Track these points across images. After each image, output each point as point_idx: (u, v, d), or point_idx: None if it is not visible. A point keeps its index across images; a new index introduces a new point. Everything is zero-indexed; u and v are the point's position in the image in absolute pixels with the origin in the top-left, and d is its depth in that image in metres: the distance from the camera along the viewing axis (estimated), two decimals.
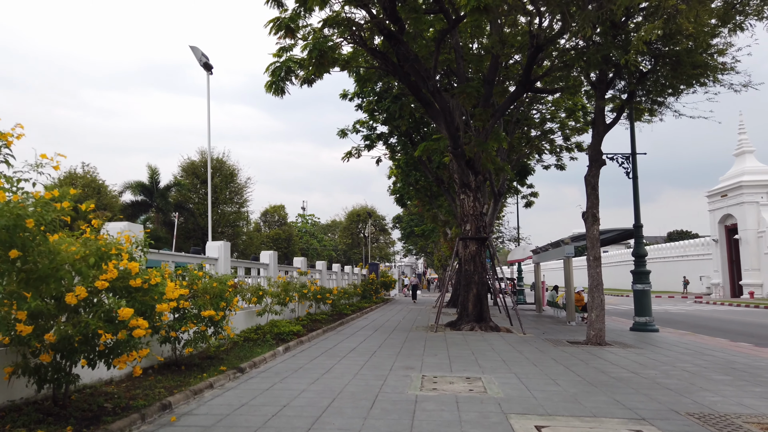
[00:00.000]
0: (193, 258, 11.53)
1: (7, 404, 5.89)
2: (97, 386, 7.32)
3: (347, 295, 25.24)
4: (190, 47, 15.68)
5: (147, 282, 5.91)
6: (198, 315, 8.57)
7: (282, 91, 14.66)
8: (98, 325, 5.25)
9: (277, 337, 12.94)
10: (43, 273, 4.38)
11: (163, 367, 8.91)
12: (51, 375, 5.51)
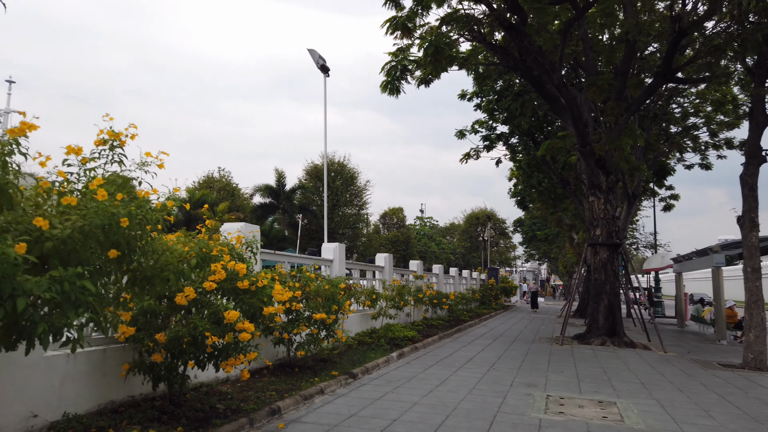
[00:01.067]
0: (309, 259, 11.55)
1: (127, 399, 6.04)
2: (213, 385, 7.39)
3: (465, 301, 24.47)
4: (307, 50, 16.00)
5: (254, 284, 5.76)
6: (310, 318, 8.44)
7: (397, 90, 14.37)
8: (205, 327, 5.16)
9: (391, 341, 12.63)
10: (148, 273, 4.32)
11: (278, 368, 8.91)
12: (164, 374, 5.53)
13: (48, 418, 5.05)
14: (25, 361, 4.81)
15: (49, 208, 3.71)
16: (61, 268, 3.23)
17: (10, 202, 3.25)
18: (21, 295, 2.87)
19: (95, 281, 3.69)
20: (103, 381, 5.70)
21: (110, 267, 4.00)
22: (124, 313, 4.07)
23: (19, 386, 4.77)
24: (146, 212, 3.94)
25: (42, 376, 5.01)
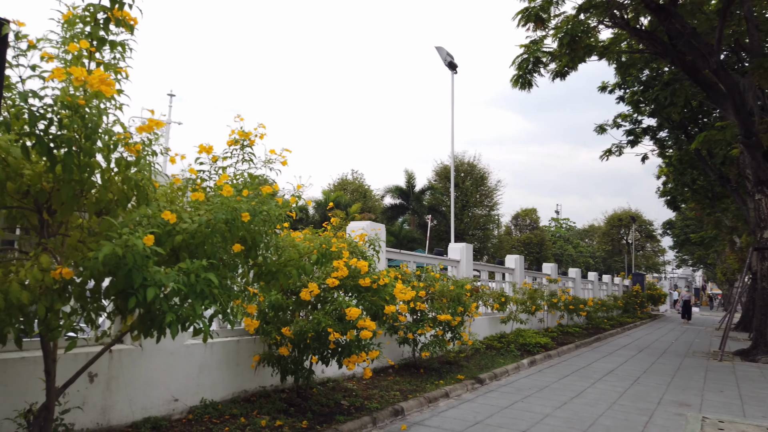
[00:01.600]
0: (434, 259, 11.39)
1: (258, 389, 6.30)
2: (339, 380, 7.50)
3: (605, 308, 22.79)
4: (435, 48, 15.88)
5: (376, 282, 5.71)
6: (435, 319, 8.26)
7: (529, 84, 13.72)
8: (328, 323, 5.20)
9: (522, 347, 12.04)
10: (273, 268, 4.42)
11: (403, 368, 8.85)
12: (291, 367, 5.67)
13: (187, 402, 5.39)
14: (169, 347, 5.18)
15: (181, 204, 3.92)
16: (189, 260, 3.36)
17: (145, 197, 3.46)
18: (151, 285, 3.02)
19: (222, 274, 3.82)
20: (236, 371, 5.99)
21: (237, 261, 4.13)
22: (250, 306, 4.20)
23: (162, 371, 5.14)
24: (270, 208, 4.01)
25: (182, 363, 5.36)
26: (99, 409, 4.58)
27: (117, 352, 4.73)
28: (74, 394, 4.35)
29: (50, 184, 3.13)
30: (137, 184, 3.32)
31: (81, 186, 3.08)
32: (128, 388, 4.81)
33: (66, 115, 2.79)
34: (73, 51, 3.04)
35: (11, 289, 2.80)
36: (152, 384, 5.04)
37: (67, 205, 3.10)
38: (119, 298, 3.16)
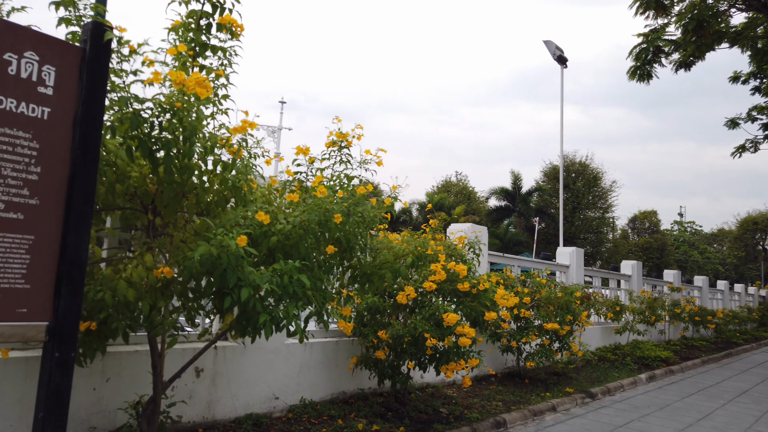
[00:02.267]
0: (541, 264, 10.83)
1: (356, 392, 6.28)
2: (438, 387, 7.32)
3: (737, 320, 20.54)
4: (543, 42, 15.16)
5: (475, 287, 5.46)
6: (540, 327, 7.81)
7: (648, 76, 12.69)
8: (425, 328, 5.04)
9: (639, 361, 11.12)
10: (368, 270, 4.34)
11: (506, 377, 8.47)
12: (388, 371, 5.58)
13: (287, 401, 5.48)
14: (270, 346, 5.29)
15: (278, 205, 3.95)
16: (283, 261, 3.35)
17: (243, 198, 3.51)
18: (245, 286, 3.03)
19: (317, 276, 3.80)
20: (335, 372, 6.01)
21: (332, 262, 4.10)
22: (345, 308, 4.16)
23: (264, 369, 5.26)
24: (365, 210, 3.93)
25: (283, 362, 5.45)
26: (205, 403, 4.75)
27: (221, 348, 4.90)
28: (182, 388, 4.54)
29: (154, 185, 3.26)
30: (234, 186, 3.37)
31: (182, 187, 3.17)
32: (231, 384, 4.96)
33: (165, 118, 2.87)
34: (172, 54, 3.14)
35: (119, 286, 2.93)
36: (254, 381, 5.17)
37: (169, 206, 3.21)
38: (216, 298, 3.21)
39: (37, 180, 2.32)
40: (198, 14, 3.62)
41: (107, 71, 2.55)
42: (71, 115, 2.45)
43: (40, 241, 2.31)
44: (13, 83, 2.27)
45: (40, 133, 2.34)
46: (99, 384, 4.02)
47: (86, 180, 2.43)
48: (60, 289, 2.32)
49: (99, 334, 3.15)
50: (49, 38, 2.41)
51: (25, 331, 2.23)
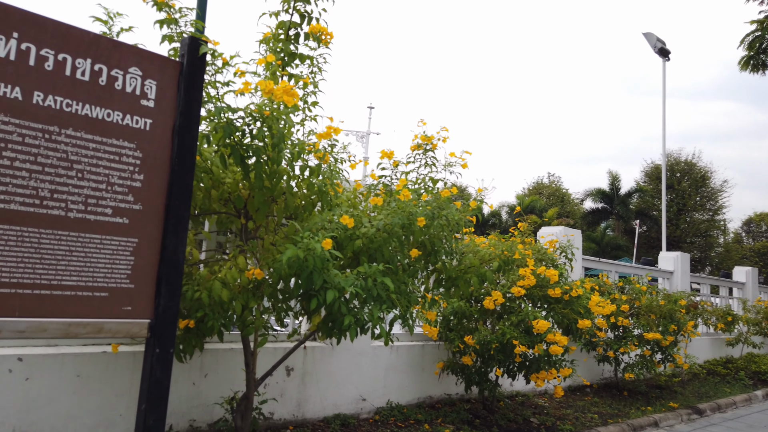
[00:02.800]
0: (641, 269, 10.19)
1: (443, 397, 6.22)
2: (529, 396, 7.08)
3: None
4: (642, 34, 14.28)
5: (567, 293, 5.23)
6: (641, 336, 7.34)
7: (763, 66, 11.58)
8: (513, 335, 4.89)
9: (755, 376, 10.17)
10: (453, 274, 4.28)
11: (602, 388, 8.04)
12: (475, 378, 5.47)
13: (374, 403, 5.52)
14: (357, 348, 5.36)
15: (364, 208, 3.99)
16: (367, 264, 3.38)
17: (329, 202, 3.58)
18: (331, 288, 3.09)
19: (401, 279, 3.80)
20: (421, 376, 5.98)
21: (417, 266, 4.08)
22: (429, 312, 4.13)
23: (351, 370, 5.34)
24: (449, 213, 3.89)
25: (370, 364, 5.50)
26: (295, 401, 4.90)
27: (311, 349, 5.02)
28: (273, 386, 4.71)
29: (246, 191, 3.40)
30: (321, 190, 3.45)
31: (271, 192, 3.29)
32: (320, 384, 5.08)
33: (256, 126, 2.99)
34: (262, 64, 3.27)
35: (214, 287, 3.08)
36: (342, 382, 5.26)
37: (260, 211, 3.34)
38: (304, 299, 3.30)
39: (140, 187, 2.49)
40: (287, 25, 3.75)
41: (202, 83, 2.70)
42: (170, 125, 2.61)
43: (143, 244, 2.48)
44: (119, 97, 2.46)
45: (143, 143, 2.51)
46: (198, 379, 4.25)
47: (184, 186, 2.58)
48: (160, 289, 2.48)
49: (197, 331, 3.34)
50: (150, 54, 2.59)
51: (130, 327, 2.40)
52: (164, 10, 3.30)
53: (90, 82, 2.38)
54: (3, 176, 2.12)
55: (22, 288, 2.15)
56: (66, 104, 2.31)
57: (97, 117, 2.39)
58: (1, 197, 2.12)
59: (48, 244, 2.22)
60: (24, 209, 2.17)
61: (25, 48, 2.22)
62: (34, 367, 3.52)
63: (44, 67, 2.26)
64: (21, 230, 2.16)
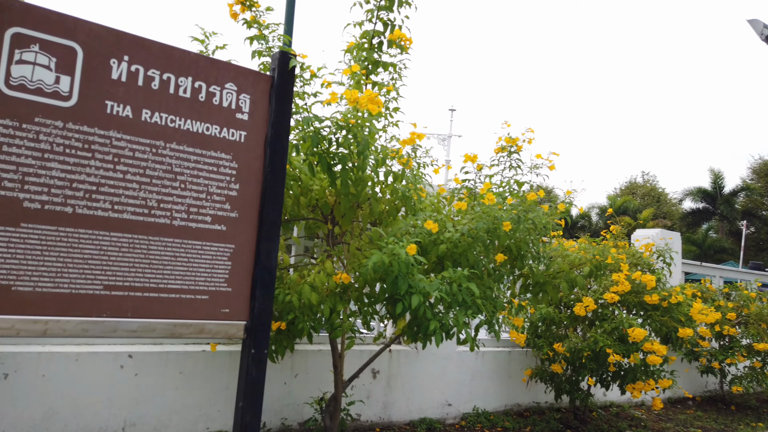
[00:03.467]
0: (750, 274, 9.40)
1: (532, 405, 6.06)
2: (624, 407, 6.75)
3: None
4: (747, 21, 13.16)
5: (666, 299, 4.93)
6: (750, 347, 6.78)
7: None
8: (606, 343, 4.68)
9: None
10: (540, 279, 4.17)
11: (706, 402, 7.51)
12: (565, 386, 5.28)
13: (460, 408, 5.47)
14: (442, 352, 5.35)
15: (448, 213, 3.99)
16: (452, 269, 3.37)
17: (412, 207, 3.61)
18: (416, 293, 3.11)
19: (487, 284, 3.75)
20: (508, 382, 5.86)
21: (502, 271, 4.02)
22: (516, 318, 4.05)
23: (436, 374, 5.33)
24: (535, 216, 3.80)
25: (455, 369, 5.47)
26: (381, 404, 4.96)
27: (396, 352, 5.07)
28: (360, 388, 4.79)
29: (333, 197, 3.50)
30: (404, 195, 3.49)
31: (357, 198, 3.36)
32: (405, 388, 5.11)
33: (342, 135, 3.07)
34: (347, 74, 3.35)
35: (303, 290, 3.20)
36: (427, 386, 5.26)
37: (346, 216, 3.42)
38: (389, 303, 3.34)
39: (236, 196, 2.63)
40: (370, 34, 3.82)
41: (292, 95, 2.81)
42: (263, 136, 2.74)
43: (239, 250, 2.62)
44: (216, 112, 2.61)
45: (239, 155, 2.66)
46: (289, 379, 4.42)
47: (275, 194, 2.70)
48: (255, 292, 2.61)
49: (288, 333, 3.47)
50: (244, 70, 2.73)
51: (228, 329, 2.54)
52: (254, 26, 3.47)
53: (191, 98, 2.55)
54: (117, 188, 2.32)
55: (134, 291, 2.34)
56: (170, 120, 2.48)
57: (197, 131, 2.55)
58: (116, 207, 2.32)
59: (155, 250, 2.40)
60: (135, 218, 2.36)
61: (134, 70, 2.41)
62: (141, 364, 3.80)
63: (151, 86, 2.44)
64: (132, 237, 2.35)
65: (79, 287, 2.22)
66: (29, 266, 2.12)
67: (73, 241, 2.22)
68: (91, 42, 2.32)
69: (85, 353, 3.64)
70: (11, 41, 2.14)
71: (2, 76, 2.12)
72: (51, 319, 2.14)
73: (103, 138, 2.31)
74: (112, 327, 2.27)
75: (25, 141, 2.14)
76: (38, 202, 2.16)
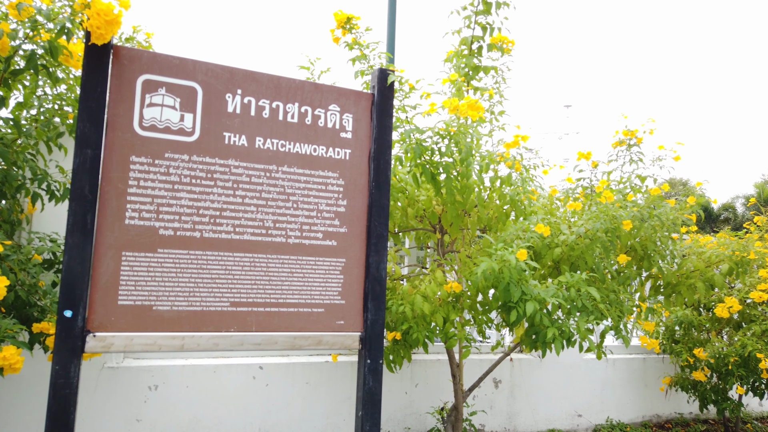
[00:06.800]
0: None
1: (674, 416, 5.59)
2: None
3: None
4: None
5: None
6: None
7: None
8: (756, 347, 4.19)
9: None
10: (672, 280, 3.83)
11: None
12: (709, 396, 4.81)
13: (591, 420, 5.18)
14: (567, 360, 5.11)
15: (563, 215, 3.82)
16: (569, 273, 3.23)
17: (522, 211, 3.51)
18: (530, 300, 3.01)
19: (610, 288, 3.54)
20: (644, 392, 5.45)
21: (627, 273, 3.77)
22: (646, 323, 3.75)
23: (562, 384, 5.09)
24: (661, 213, 3.52)
25: (583, 378, 5.19)
26: (505, 414, 4.84)
27: (517, 361, 4.93)
28: (482, 398, 4.72)
29: (440, 206, 3.50)
30: (512, 199, 3.40)
31: (463, 206, 3.34)
32: (530, 397, 4.94)
33: (444, 144, 3.08)
34: (445, 83, 3.35)
35: (415, 300, 3.23)
36: (553, 396, 5.04)
37: (453, 225, 3.41)
38: (503, 311, 3.26)
39: (344, 211, 2.73)
40: (469, 40, 3.80)
41: (392, 111, 2.87)
42: (367, 153, 2.82)
43: (350, 263, 2.71)
44: (322, 133, 2.74)
45: (345, 172, 2.76)
46: (409, 389, 4.46)
47: (381, 208, 2.77)
48: (367, 304, 2.68)
49: (404, 343, 3.52)
50: (346, 91, 2.84)
51: (344, 340, 2.64)
52: (355, 47, 3.60)
53: (298, 123, 2.70)
54: (237, 212, 2.51)
55: (256, 306, 2.51)
56: (281, 145, 2.64)
57: (305, 153, 2.69)
58: (237, 229, 2.51)
59: (274, 267, 2.56)
60: (254, 238, 2.54)
61: (247, 101, 2.61)
62: (271, 375, 4.05)
63: (262, 115, 2.62)
64: (253, 257, 2.52)
65: (209, 305, 2.42)
66: (166, 288, 2.35)
67: (202, 263, 2.43)
68: (209, 80, 2.54)
69: (221, 365, 3.95)
70: (142, 87, 2.41)
71: (137, 119, 2.39)
72: (187, 335, 2.36)
73: (223, 167, 2.52)
74: (239, 341, 2.45)
75: (158, 175, 2.40)
76: (171, 229, 2.39)
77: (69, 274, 2.19)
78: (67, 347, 2.15)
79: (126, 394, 3.69)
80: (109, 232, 2.30)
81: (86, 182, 2.25)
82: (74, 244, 2.20)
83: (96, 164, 2.27)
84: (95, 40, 2.25)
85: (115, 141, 2.34)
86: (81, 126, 2.27)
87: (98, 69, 2.31)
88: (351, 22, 3.72)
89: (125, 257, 2.31)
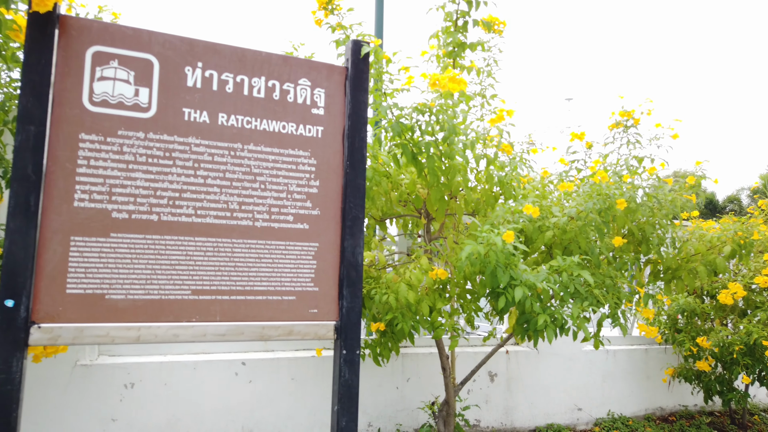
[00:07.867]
0: None
1: (678, 408, 5.39)
2: None
3: None
4: None
5: None
6: None
7: None
8: (762, 335, 4.00)
9: None
10: (672, 265, 3.64)
11: None
12: (714, 386, 4.61)
13: (592, 413, 4.99)
14: (565, 352, 4.92)
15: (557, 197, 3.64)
16: (561, 257, 3.04)
17: (512, 194, 3.32)
18: (519, 285, 2.83)
19: (605, 273, 3.35)
20: (647, 384, 5.25)
21: (624, 257, 3.58)
22: (645, 310, 3.56)
23: (561, 377, 4.90)
24: (658, 193, 3.33)
25: (582, 370, 5.00)
26: (501, 408, 4.65)
27: (514, 353, 4.74)
28: (477, 392, 4.53)
29: (424, 190, 3.32)
30: (501, 181, 3.21)
31: (448, 188, 3.16)
32: (527, 391, 4.75)
33: (424, 120, 2.89)
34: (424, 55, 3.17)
35: (400, 289, 3.05)
36: (552, 389, 4.86)
37: (439, 209, 3.22)
38: (492, 298, 3.08)
39: (316, 193, 2.55)
40: (454, 15, 3.61)
41: (367, 85, 2.69)
42: (341, 130, 2.64)
43: (323, 248, 2.53)
44: (292, 109, 2.56)
45: (317, 150, 2.58)
46: (400, 383, 4.28)
47: (357, 188, 2.58)
48: (342, 291, 2.50)
49: (392, 335, 3.34)
50: (317, 64, 2.66)
51: (317, 329, 2.46)
52: (339, 31, 3.42)
53: (265, 98, 2.52)
54: (198, 193, 2.33)
55: (221, 294, 2.33)
56: (246, 122, 2.47)
57: (273, 130, 2.51)
58: (199, 212, 2.33)
59: (240, 252, 2.38)
60: (218, 222, 2.36)
61: (208, 75, 2.43)
62: (255, 371, 3.87)
63: (225, 90, 2.45)
64: (216, 241, 2.35)
65: (168, 293, 2.25)
66: (120, 275, 2.18)
67: (160, 248, 2.25)
68: (166, 52, 2.36)
69: (201, 362, 3.78)
70: (92, 60, 2.24)
71: (86, 94, 2.21)
72: (143, 326, 2.18)
73: (182, 145, 2.34)
74: (202, 331, 2.27)
75: (111, 154, 2.22)
76: (125, 212, 2.22)
77: (10, 261, 2.01)
78: (9, 340, 1.98)
79: (100, 393, 3.52)
80: (56, 216, 2.12)
81: (29, 161, 2.07)
82: (16, 228, 2.03)
83: (40, 142, 2.09)
84: (36, 7, 2.08)
85: (62, 117, 2.17)
86: (23, 101, 2.09)
87: (42, 39, 2.13)
88: (333, 3, 3.54)
89: (74, 242, 2.13)
